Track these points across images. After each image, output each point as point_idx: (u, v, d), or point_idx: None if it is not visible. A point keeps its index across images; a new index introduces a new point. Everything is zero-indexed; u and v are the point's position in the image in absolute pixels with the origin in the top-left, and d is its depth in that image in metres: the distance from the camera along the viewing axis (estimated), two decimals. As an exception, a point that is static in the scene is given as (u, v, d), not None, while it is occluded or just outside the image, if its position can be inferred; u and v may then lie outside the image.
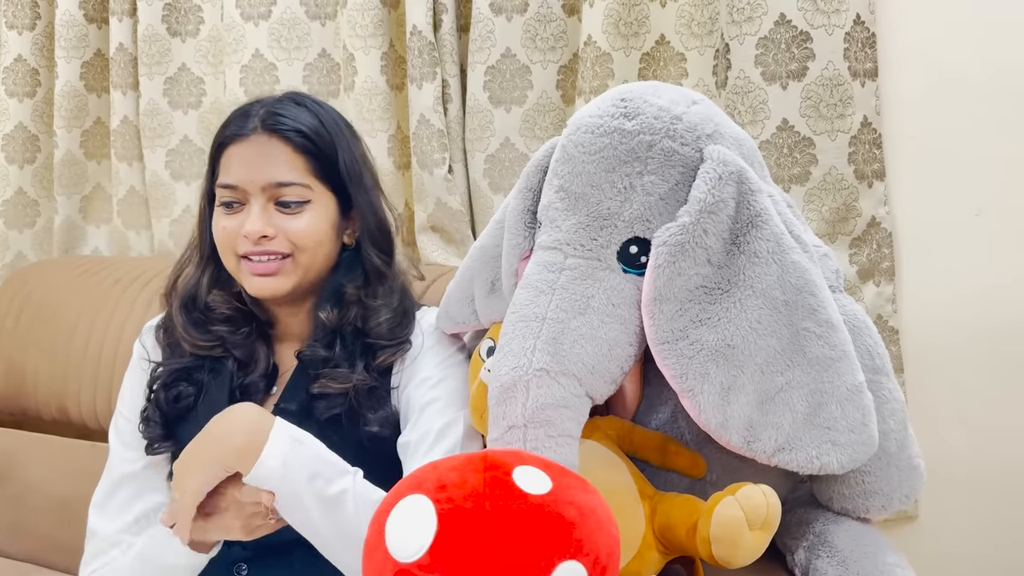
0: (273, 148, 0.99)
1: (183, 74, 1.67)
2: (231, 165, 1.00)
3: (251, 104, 1.03)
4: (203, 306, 1.05)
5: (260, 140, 0.99)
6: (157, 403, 1.03)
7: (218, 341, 1.03)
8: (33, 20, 1.74)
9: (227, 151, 1.00)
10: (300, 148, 1.00)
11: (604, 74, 1.34)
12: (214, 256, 1.05)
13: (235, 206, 1.00)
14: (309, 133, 1.00)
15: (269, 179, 0.98)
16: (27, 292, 1.56)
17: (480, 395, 0.89)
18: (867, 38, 1.24)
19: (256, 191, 0.98)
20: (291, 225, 0.99)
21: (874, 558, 0.87)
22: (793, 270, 0.81)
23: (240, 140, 1.00)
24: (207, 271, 1.06)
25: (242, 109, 1.03)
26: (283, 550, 0.96)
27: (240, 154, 0.99)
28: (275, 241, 0.98)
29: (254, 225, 0.97)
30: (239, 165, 0.99)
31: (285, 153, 0.99)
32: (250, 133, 0.99)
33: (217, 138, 1.03)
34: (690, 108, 0.83)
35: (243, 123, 1.00)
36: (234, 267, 1.01)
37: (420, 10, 1.41)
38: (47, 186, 1.81)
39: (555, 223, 0.84)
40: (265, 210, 0.98)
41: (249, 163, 0.99)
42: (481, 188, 1.47)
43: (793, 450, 0.80)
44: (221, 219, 1.01)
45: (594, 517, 0.64)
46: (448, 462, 0.67)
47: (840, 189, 1.26)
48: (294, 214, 0.99)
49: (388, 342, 1.01)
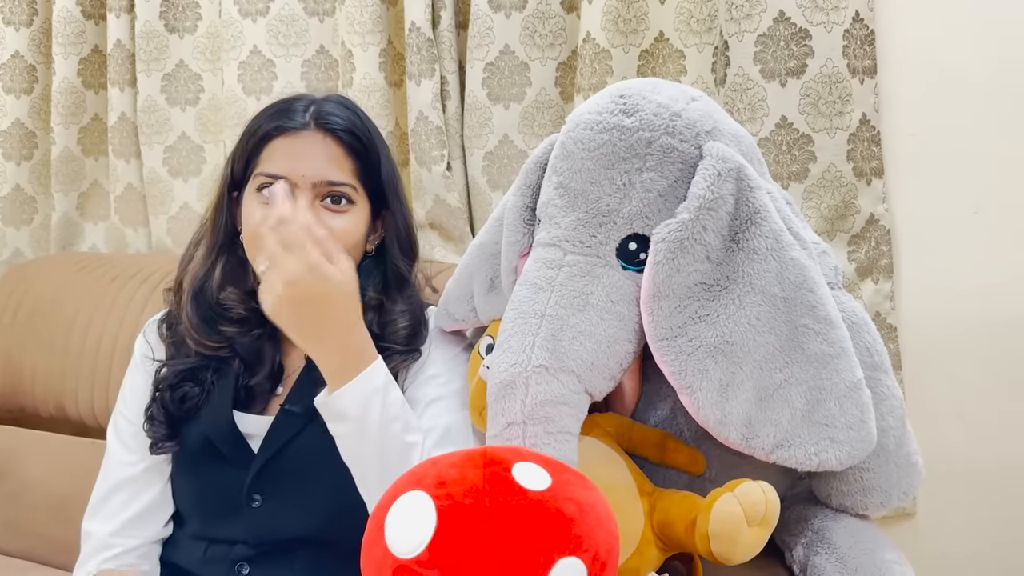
0: (326, 146, 0.98)
1: (181, 70, 1.66)
2: (280, 156, 0.98)
3: (295, 99, 1.02)
4: (214, 301, 1.02)
5: (313, 136, 0.98)
6: (163, 403, 1.01)
7: (226, 342, 1.01)
8: (30, 16, 1.74)
9: (273, 142, 0.98)
10: (350, 149, 0.99)
11: (603, 71, 1.34)
12: (228, 247, 1.03)
13: None
14: (360, 135, 1.00)
15: (321, 176, 0.97)
16: (24, 289, 1.56)
17: (479, 392, 0.89)
18: (866, 35, 1.24)
19: (306, 186, 0.97)
20: (335, 224, 0.97)
21: (872, 555, 0.87)
22: (792, 267, 0.81)
23: (290, 133, 0.98)
24: (219, 262, 1.04)
25: (285, 103, 1.01)
26: (285, 550, 0.96)
27: (290, 147, 0.98)
28: None
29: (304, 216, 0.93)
30: (289, 157, 0.97)
31: (337, 152, 0.99)
32: (301, 128, 0.98)
33: (261, 128, 0.99)
34: (689, 105, 0.83)
35: (291, 116, 0.99)
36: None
37: (419, 6, 1.41)
38: (44, 183, 1.80)
39: (554, 220, 0.84)
40: (313, 205, 0.97)
41: (301, 157, 0.97)
42: (480, 185, 1.47)
43: (792, 447, 0.80)
44: (258, 210, 0.97)
45: (593, 513, 0.64)
46: (447, 458, 0.67)
47: (839, 186, 1.26)
48: (339, 213, 0.99)
49: (403, 347, 1.00)
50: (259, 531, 0.97)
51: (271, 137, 0.99)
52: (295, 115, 0.99)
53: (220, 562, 0.97)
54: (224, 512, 0.98)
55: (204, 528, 1.00)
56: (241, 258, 1.02)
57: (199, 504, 1.01)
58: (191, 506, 1.02)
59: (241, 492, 0.97)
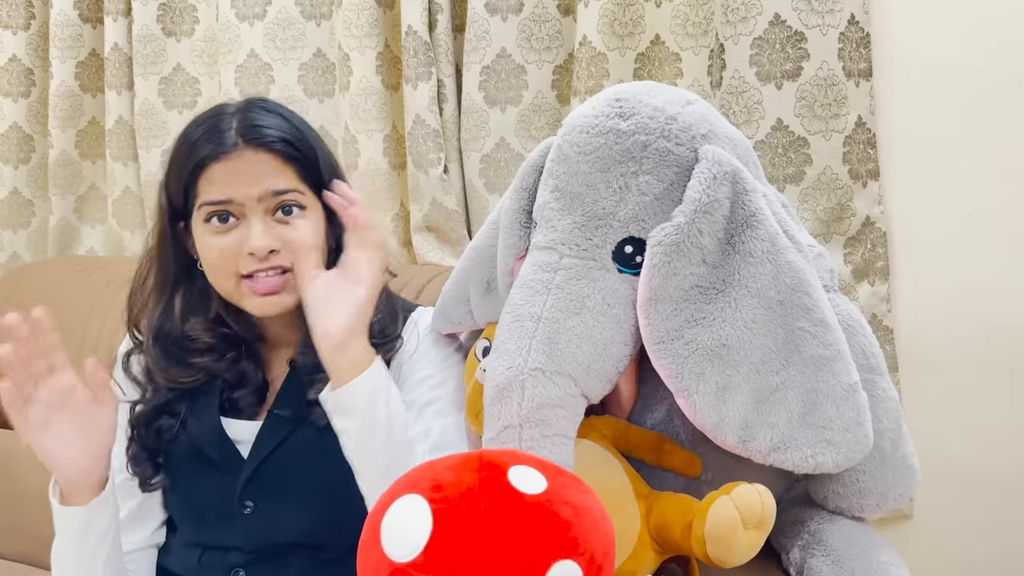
0: (261, 161, 0.94)
1: (178, 74, 1.67)
2: (218, 182, 0.94)
3: (217, 117, 0.97)
4: (179, 336, 1.00)
5: (245, 155, 0.94)
6: (141, 442, 1.00)
7: (200, 372, 0.99)
8: (28, 20, 1.74)
9: (209, 170, 0.94)
10: (286, 156, 0.95)
11: (599, 74, 1.34)
12: (183, 278, 1.01)
13: (230, 219, 0.94)
14: (292, 140, 0.96)
15: (266, 188, 0.94)
16: (22, 293, 1.56)
17: (476, 395, 0.89)
18: (861, 38, 1.25)
19: (253, 203, 0.93)
20: (292, 234, 0.94)
21: (868, 557, 0.87)
22: (788, 270, 0.81)
23: (223, 157, 0.93)
24: (175, 297, 1.01)
25: (207, 125, 0.96)
26: (279, 555, 0.96)
27: (226, 171, 0.94)
28: (281, 254, 0.94)
29: (261, 240, 0.92)
30: (228, 181, 0.94)
31: (274, 164, 0.95)
32: (231, 149, 0.94)
33: (191, 160, 0.95)
34: (685, 108, 0.84)
35: (221, 140, 0.94)
36: (232, 289, 0.96)
37: (415, 10, 1.41)
38: (42, 186, 1.80)
39: (550, 223, 0.84)
40: (266, 223, 0.94)
41: (239, 177, 0.93)
42: (477, 188, 1.47)
43: (788, 449, 0.80)
44: (214, 240, 0.94)
45: (589, 517, 0.64)
46: (443, 462, 0.67)
47: (834, 189, 1.27)
48: (293, 222, 0.95)
49: (380, 340, 0.98)
50: (252, 537, 0.96)
51: (204, 165, 0.94)
52: (223, 137, 0.94)
53: (215, 569, 0.97)
54: (216, 519, 0.97)
55: (197, 535, 1.00)
56: (200, 287, 1.00)
57: (191, 511, 1.01)
58: (183, 513, 1.02)
59: (233, 498, 0.96)
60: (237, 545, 0.97)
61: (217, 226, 0.95)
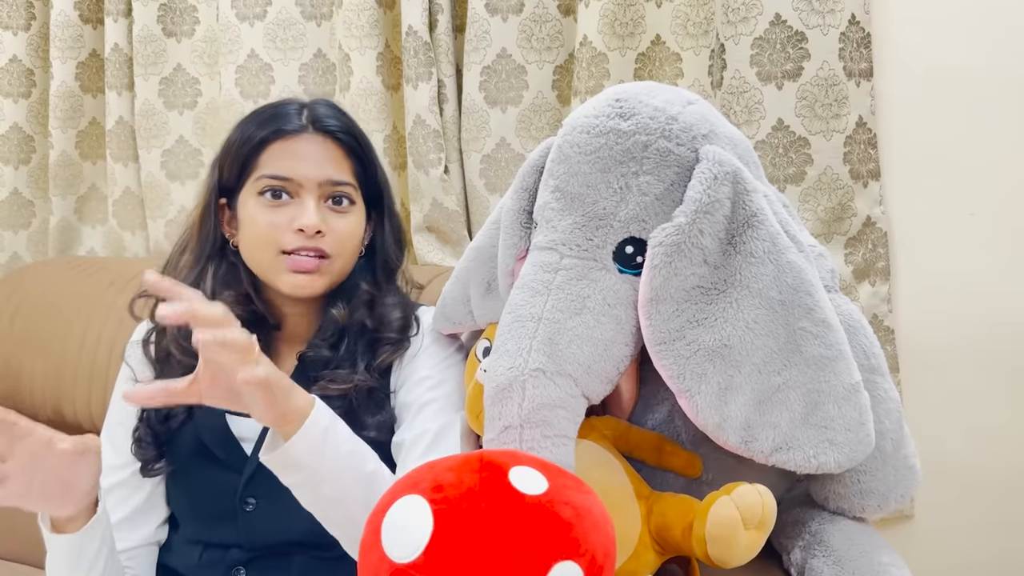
0: (326, 147, 0.99)
1: (178, 74, 1.66)
2: (281, 159, 0.98)
3: (285, 103, 1.02)
4: None
5: (313, 138, 0.99)
6: (148, 424, 1.01)
7: None
8: (28, 20, 1.74)
9: (272, 146, 0.98)
10: (349, 151, 1.01)
11: (600, 74, 1.34)
12: (218, 253, 1.03)
13: (284, 196, 0.97)
14: (357, 137, 1.02)
15: (327, 176, 0.99)
16: (23, 293, 1.56)
17: (476, 395, 0.89)
18: (862, 38, 1.25)
19: (312, 186, 0.98)
20: (340, 224, 0.99)
21: (869, 557, 0.87)
22: (789, 270, 0.81)
23: (289, 136, 0.98)
24: (209, 268, 1.03)
25: (276, 108, 1.02)
26: (280, 554, 0.96)
27: (292, 149, 0.98)
28: (326, 239, 0.98)
29: (312, 219, 0.96)
30: (292, 159, 0.98)
31: (337, 153, 1.00)
32: (300, 131, 0.99)
33: (256, 133, 0.99)
34: (685, 108, 0.84)
35: (288, 120, 0.99)
36: (270, 263, 0.98)
37: (416, 10, 1.41)
38: (42, 187, 1.80)
39: (551, 223, 0.84)
40: (319, 206, 0.98)
41: (304, 158, 0.98)
42: (477, 188, 1.47)
43: (790, 450, 0.80)
44: (265, 213, 0.98)
45: (590, 517, 0.64)
46: (444, 462, 0.67)
47: (835, 189, 1.27)
48: (343, 213, 1.00)
49: (397, 336, 1.01)
50: (254, 535, 0.96)
51: (268, 141, 0.99)
52: (291, 118, 1.00)
53: (216, 566, 0.97)
54: (218, 516, 0.98)
55: (199, 532, 1.00)
56: (232, 263, 1.03)
57: (193, 508, 1.01)
58: (185, 510, 1.02)
59: (235, 496, 0.97)
60: (238, 543, 0.97)
61: (270, 200, 0.98)
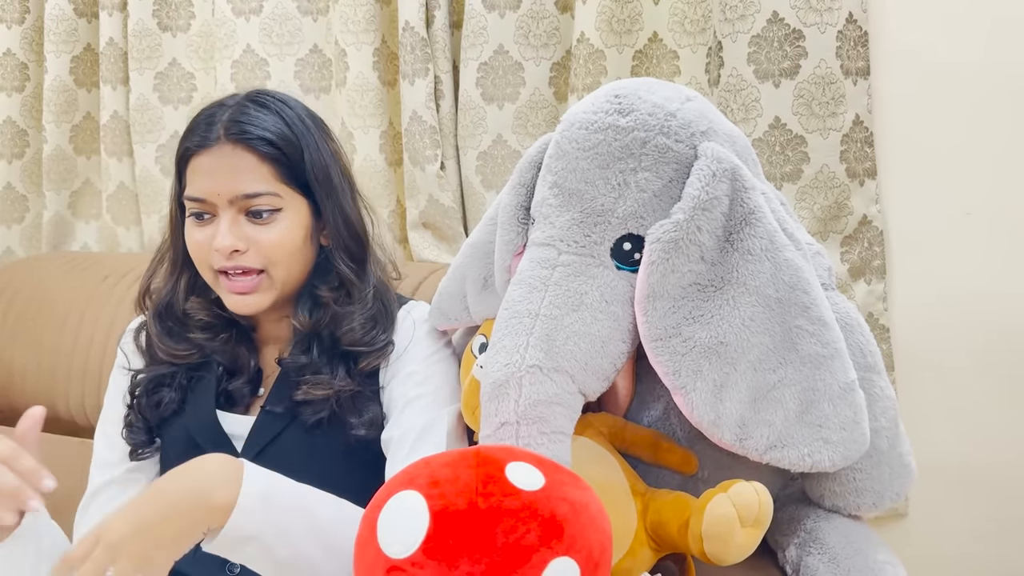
0: (238, 158, 0.95)
1: (173, 69, 1.66)
2: (197, 176, 0.96)
3: (214, 109, 0.99)
4: (180, 314, 1.03)
5: (224, 150, 0.95)
6: (139, 409, 1.02)
7: (195, 349, 1.01)
8: (23, 14, 1.73)
9: (192, 161, 0.97)
10: (266, 156, 0.96)
11: (597, 71, 1.34)
12: (189, 262, 1.02)
13: (205, 217, 0.97)
14: (274, 139, 0.96)
15: (236, 191, 0.94)
16: (16, 288, 1.55)
17: (472, 391, 0.89)
18: (859, 36, 1.25)
19: (224, 204, 0.95)
20: (263, 236, 0.95)
21: (865, 555, 0.87)
22: (786, 267, 0.81)
23: (204, 150, 0.96)
24: (182, 278, 1.04)
25: (205, 115, 0.99)
26: None
27: (205, 165, 0.96)
28: (247, 255, 0.95)
29: (224, 240, 0.94)
30: (204, 176, 0.95)
31: (251, 162, 0.95)
32: (214, 143, 0.95)
33: (181, 147, 0.98)
34: (684, 105, 0.83)
35: (207, 132, 0.96)
36: (212, 282, 0.99)
37: (413, 6, 1.41)
38: (36, 181, 1.80)
39: (549, 219, 0.84)
40: (235, 223, 0.95)
41: (214, 174, 0.95)
42: (473, 185, 1.46)
43: (785, 448, 0.80)
44: (194, 231, 0.98)
45: (587, 514, 0.64)
46: (440, 458, 0.67)
47: (832, 187, 1.27)
48: (265, 224, 0.96)
49: (366, 348, 0.99)
50: None
51: (190, 156, 0.97)
52: (210, 129, 0.96)
53: (211, 562, 0.96)
54: None
55: None
56: None
57: None
58: None
59: None
60: None
61: (196, 221, 0.98)
